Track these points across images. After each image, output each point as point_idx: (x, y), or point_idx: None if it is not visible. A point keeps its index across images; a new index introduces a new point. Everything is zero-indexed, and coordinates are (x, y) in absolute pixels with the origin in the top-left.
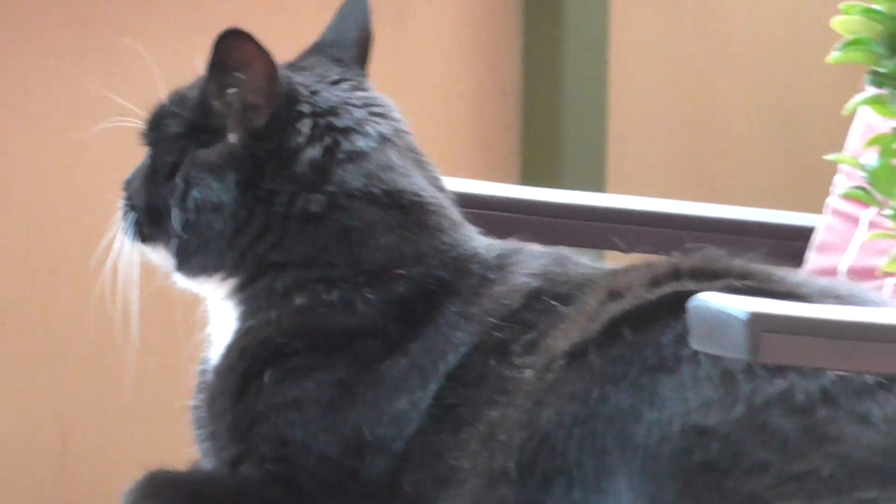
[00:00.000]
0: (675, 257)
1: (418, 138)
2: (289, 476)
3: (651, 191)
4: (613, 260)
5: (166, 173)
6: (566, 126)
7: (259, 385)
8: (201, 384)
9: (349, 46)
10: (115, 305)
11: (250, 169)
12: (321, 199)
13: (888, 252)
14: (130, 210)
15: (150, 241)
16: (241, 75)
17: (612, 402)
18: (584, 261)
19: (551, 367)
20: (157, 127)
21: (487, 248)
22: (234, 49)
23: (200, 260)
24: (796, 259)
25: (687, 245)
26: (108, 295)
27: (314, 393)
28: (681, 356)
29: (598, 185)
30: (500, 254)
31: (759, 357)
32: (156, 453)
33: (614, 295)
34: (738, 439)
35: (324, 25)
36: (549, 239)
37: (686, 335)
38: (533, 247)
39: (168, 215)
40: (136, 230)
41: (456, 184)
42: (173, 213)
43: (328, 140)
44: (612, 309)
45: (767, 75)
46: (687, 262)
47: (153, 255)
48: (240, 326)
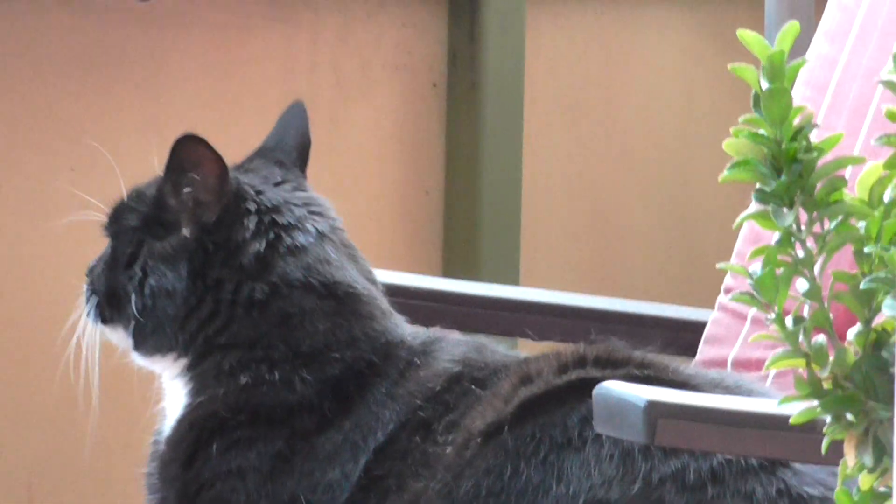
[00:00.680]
0: (580, 346)
1: (350, 233)
2: None
3: (560, 285)
4: (525, 348)
5: (125, 262)
6: (484, 224)
7: (206, 455)
8: (154, 453)
9: (290, 150)
10: (79, 378)
11: (201, 259)
12: (264, 288)
13: (770, 346)
14: (93, 294)
15: (110, 322)
16: (195, 175)
17: (523, 477)
18: (499, 348)
19: (469, 445)
20: (118, 220)
21: (413, 335)
22: (189, 152)
23: (155, 341)
24: (690, 350)
25: (592, 336)
26: (72, 368)
27: (256, 463)
28: (586, 437)
29: (513, 279)
30: (425, 341)
31: (655, 440)
32: None
33: (526, 380)
34: None
35: (268, 128)
36: (467, 327)
37: (590, 417)
38: (454, 335)
39: (127, 300)
40: (97, 312)
41: (384, 275)
42: (132, 299)
43: (272, 235)
44: (524, 392)
45: (666, 184)
46: (592, 351)
47: (112, 335)
48: (190, 401)
